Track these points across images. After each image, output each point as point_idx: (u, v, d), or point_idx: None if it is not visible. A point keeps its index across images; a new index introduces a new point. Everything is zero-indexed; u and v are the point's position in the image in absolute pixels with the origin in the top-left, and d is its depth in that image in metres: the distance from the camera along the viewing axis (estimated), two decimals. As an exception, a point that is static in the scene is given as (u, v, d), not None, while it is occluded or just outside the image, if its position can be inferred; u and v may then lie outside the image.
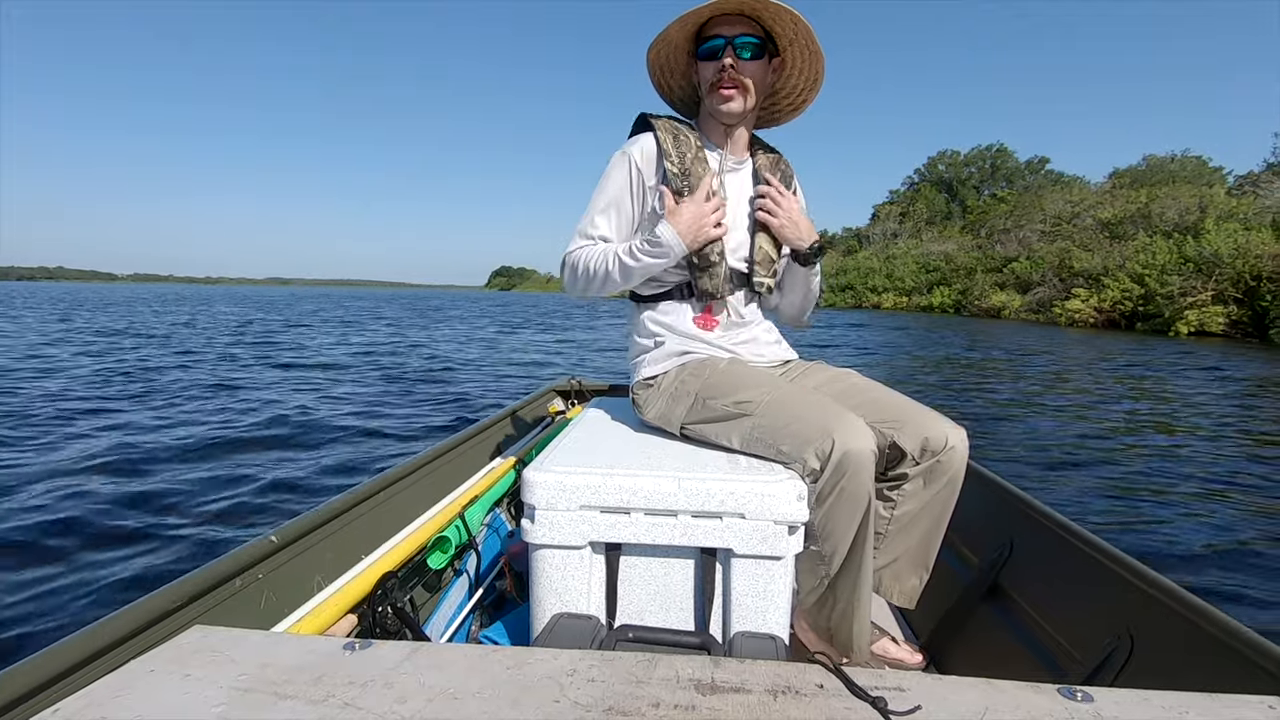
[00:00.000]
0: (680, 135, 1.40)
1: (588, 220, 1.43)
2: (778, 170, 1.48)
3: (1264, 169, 34.85)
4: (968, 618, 1.45)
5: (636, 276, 1.40)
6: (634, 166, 1.40)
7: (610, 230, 1.43)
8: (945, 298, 40.88)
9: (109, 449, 4.50)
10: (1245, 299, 21.62)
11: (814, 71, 1.45)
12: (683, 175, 1.37)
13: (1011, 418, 6.61)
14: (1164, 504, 3.88)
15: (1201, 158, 48.25)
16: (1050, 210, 41.14)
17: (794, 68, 1.45)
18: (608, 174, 1.43)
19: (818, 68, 1.44)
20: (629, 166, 1.41)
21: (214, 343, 13.66)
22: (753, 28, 1.35)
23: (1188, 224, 28.48)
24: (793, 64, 1.44)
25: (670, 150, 1.38)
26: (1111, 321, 26.47)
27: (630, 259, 1.35)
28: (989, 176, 72.08)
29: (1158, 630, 1.01)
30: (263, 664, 0.76)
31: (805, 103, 1.54)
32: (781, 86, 1.50)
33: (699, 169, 1.38)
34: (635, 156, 1.40)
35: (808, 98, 1.52)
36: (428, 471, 1.78)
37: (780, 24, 1.35)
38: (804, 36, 1.37)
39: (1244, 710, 0.69)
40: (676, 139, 1.39)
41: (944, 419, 1.28)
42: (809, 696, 0.71)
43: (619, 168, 1.42)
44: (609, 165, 1.44)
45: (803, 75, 1.47)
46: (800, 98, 1.53)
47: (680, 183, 1.37)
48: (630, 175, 1.41)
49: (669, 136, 1.39)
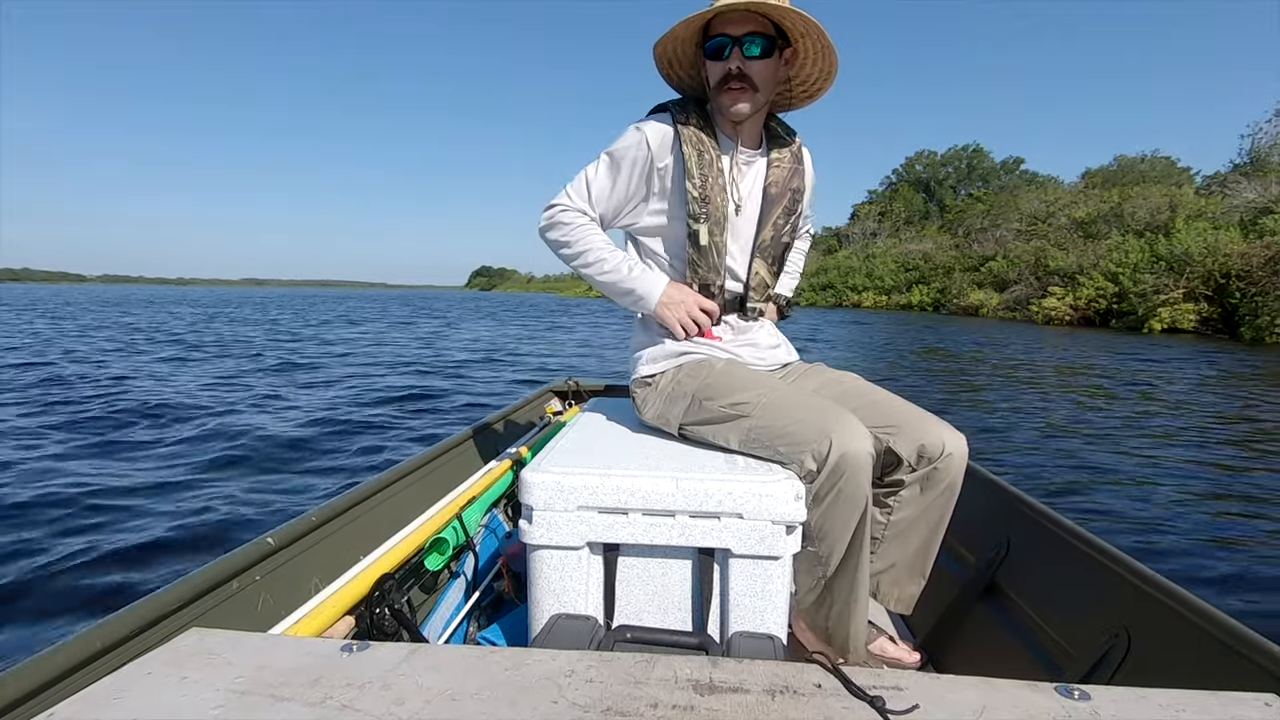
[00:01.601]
0: (703, 152, 1.35)
1: (582, 179, 1.41)
2: (789, 165, 1.45)
3: (1231, 170, 35.64)
4: (965, 617, 1.46)
5: (606, 289, 1.42)
6: (647, 143, 1.36)
7: (602, 194, 1.41)
8: (924, 296, 41.27)
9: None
10: (1215, 296, 22.13)
11: (828, 64, 1.41)
12: (701, 201, 1.34)
13: (994, 410, 6.72)
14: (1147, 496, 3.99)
15: (1170, 158, 49.32)
16: (1026, 210, 41.70)
17: (808, 58, 1.41)
18: (618, 142, 1.40)
19: (832, 61, 1.40)
20: (643, 142, 1.36)
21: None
22: (761, 24, 1.31)
23: (1159, 223, 29.09)
24: (806, 54, 1.40)
25: (694, 170, 1.34)
26: (1087, 319, 26.95)
27: (613, 272, 1.38)
28: (965, 176, 72.85)
29: (1154, 628, 1.02)
30: (260, 666, 0.75)
31: (820, 91, 1.49)
32: (795, 75, 1.46)
33: (718, 198, 1.35)
34: (650, 135, 1.36)
35: (822, 87, 1.48)
36: (425, 473, 1.77)
37: (789, 20, 1.32)
38: (814, 33, 1.33)
39: (1240, 707, 0.70)
40: (701, 157, 1.35)
41: (943, 425, 1.27)
42: (807, 696, 0.71)
43: (633, 140, 1.38)
44: (619, 141, 1.40)
45: (816, 66, 1.43)
46: (815, 86, 1.49)
47: (699, 208, 1.34)
48: (641, 151, 1.37)
49: (694, 153, 1.34)
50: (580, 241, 1.41)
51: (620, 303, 1.44)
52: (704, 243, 1.36)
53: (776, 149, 1.45)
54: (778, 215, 1.43)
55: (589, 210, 1.42)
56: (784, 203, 1.43)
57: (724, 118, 1.39)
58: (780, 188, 1.43)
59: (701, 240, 1.36)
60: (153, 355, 11.04)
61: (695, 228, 1.35)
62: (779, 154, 1.44)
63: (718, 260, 1.39)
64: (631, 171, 1.39)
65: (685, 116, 1.37)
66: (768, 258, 1.44)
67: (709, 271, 1.39)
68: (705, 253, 1.37)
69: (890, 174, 79.29)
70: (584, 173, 1.42)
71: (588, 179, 1.41)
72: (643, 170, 1.38)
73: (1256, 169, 32.12)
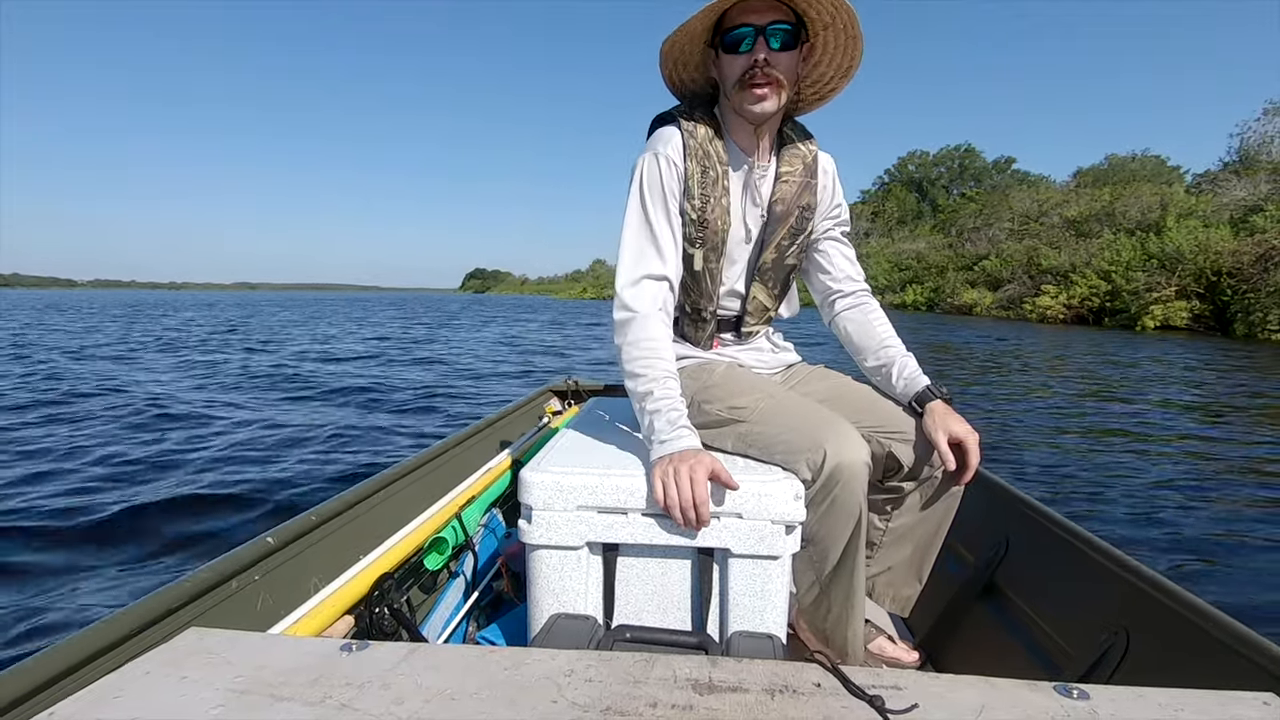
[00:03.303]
0: (708, 169, 1.24)
1: (649, 256, 1.23)
2: (799, 179, 1.32)
3: (1221, 168, 35.87)
4: (964, 616, 1.46)
5: (633, 397, 1.21)
6: (672, 163, 1.24)
7: (672, 254, 1.24)
8: (918, 296, 41.41)
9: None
10: (1207, 294, 22.30)
11: (848, 59, 1.27)
12: (699, 225, 1.25)
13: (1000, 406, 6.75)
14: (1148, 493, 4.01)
15: (1161, 157, 49.65)
16: (1018, 209, 41.96)
17: (824, 54, 1.27)
18: (645, 178, 1.25)
19: (854, 54, 1.26)
20: (669, 163, 1.23)
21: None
22: (784, 12, 1.17)
23: (1150, 222, 29.31)
24: (824, 49, 1.26)
25: (694, 190, 1.24)
26: (1080, 317, 27.13)
27: (644, 402, 1.15)
28: (958, 176, 73.08)
29: (1153, 627, 1.03)
30: (259, 665, 0.75)
31: (833, 91, 1.35)
32: (807, 75, 1.31)
33: (719, 221, 1.25)
34: (671, 155, 1.24)
35: (836, 86, 1.34)
36: (424, 473, 1.77)
37: (817, 7, 1.18)
38: (844, 19, 1.19)
39: (1239, 707, 0.69)
40: (704, 174, 1.24)
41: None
42: (806, 695, 0.71)
43: (660, 168, 1.24)
44: (641, 176, 1.25)
45: (834, 63, 1.29)
46: (828, 87, 1.34)
47: (696, 232, 1.25)
48: (670, 176, 1.24)
49: (697, 170, 1.23)
50: (630, 364, 1.19)
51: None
52: (697, 268, 1.28)
53: (788, 160, 1.31)
54: (782, 236, 1.31)
55: (658, 293, 1.23)
56: (790, 222, 1.31)
57: (741, 120, 1.26)
58: (788, 205, 1.30)
59: (695, 266, 1.28)
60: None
61: (690, 252, 1.27)
62: (789, 167, 1.31)
63: (710, 286, 1.31)
64: (674, 198, 1.25)
65: (692, 126, 1.26)
66: (768, 281, 1.35)
67: (700, 297, 1.32)
68: (699, 278, 1.30)
69: (883, 174, 79.65)
70: (638, 251, 1.23)
71: (655, 253, 1.23)
72: (676, 191, 1.26)
73: (1246, 167, 32.35)
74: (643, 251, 1.24)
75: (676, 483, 1.02)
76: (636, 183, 1.26)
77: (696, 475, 1.01)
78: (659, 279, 1.23)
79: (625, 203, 1.27)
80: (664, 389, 1.15)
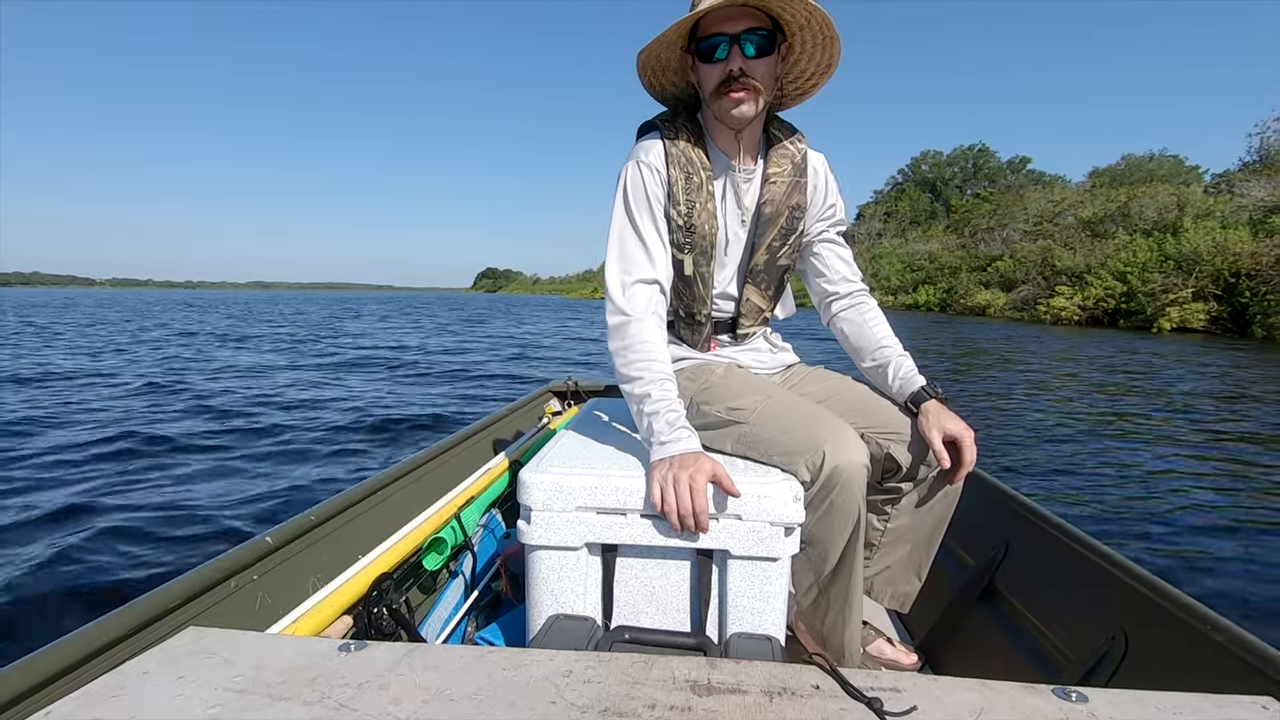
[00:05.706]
0: (691, 174, 1.25)
1: (637, 262, 1.24)
2: (787, 179, 1.32)
3: (1239, 168, 35.40)
4: (963, 619, 1.46)
5: (630, 400, 1.21)
6: (655, 172, 1.25)
7: (661, 257, 1.26)
8: (931, 296, 41.17)
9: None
10: (1225, 295, 22.00)
11: (827, 57, 1.28)
12: (686, 230, 1.26)
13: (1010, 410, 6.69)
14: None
15: (1178, 157, 48.97)
16: (1032, 209, 41.58)
17: (804, 53, 1.28)
18: (629, 187, 1.26)
19: (832, 52, 1.26)
20: (652, 171, 1.25)
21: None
22: (758, 18, 1.19)
23: (1166, 222, 28.93)
24: (802, 48, 1.27)
25: (679, 196, 1.25)
26: (1095, 319, 26.82)
27: (642, 404, 1.15)
28: (971, 176, 72.60)
29: (1152, 630, 1.02)
30: (257, 665, 0.75)
31: (815, 87, 1.35)
32: (788, 72, 1.32)
33: (706, 226, 1.26)
34: (654, 163, 1.26)
35: (818, 82, 1.34)
36: (423, 473, 1.77)
37: (790, 11, 1.19)
38: (818, 22, 1.20)
39: (1238, 710, 0.69)
40: (689, 180, 1.24)
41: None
42: (805, 697, 0.71)
43: (644, 176, 1.26)
44: (625, 185, 1.27)
45: (813, 61, 1.29)
46: (810, 82, 1.35)
47: (684, 238, 1.26)
48: (654, 184, 1.25)
49: (681, 176, 1.24)
50: (624, 368, 1.20)
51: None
52: (689, 273, 1.29)
53: (775, 161, 1.32)
54: (773, 238, 1.32)
55: (650, 297, 1.24)
56: (780, 223, 1.32)
57: (722, 125, 1.27)
58: (776, 206, 1.31)
59: (686, 271, 1.29)
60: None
61: (680, 258, 1.28)
62: (777, 167, 1.31)
63: (703, 290, 1.32)
64: (659, 203, 1.27)
65: (674, 133, 1.27)
66: (761, 283, 1.36)
67: (694, 301, 1.33)
68: (690, 283, 1.31)
69: (896, 174, 79.27)
70: (625, 258, 1.25)
71: (643, 258, 1.24)
72: (660, 197, 1.28)
73: (1266, 167, 31.91)
74: (631, 257, 1.25)
75: (676, 490, 1.01)
76: (621, 191, 1.28)
77: (696, 483, 1.01)
78: (649, 283, 1.24)
79: (610, 212, 1.29)
80: (662, 390, 1.15)
